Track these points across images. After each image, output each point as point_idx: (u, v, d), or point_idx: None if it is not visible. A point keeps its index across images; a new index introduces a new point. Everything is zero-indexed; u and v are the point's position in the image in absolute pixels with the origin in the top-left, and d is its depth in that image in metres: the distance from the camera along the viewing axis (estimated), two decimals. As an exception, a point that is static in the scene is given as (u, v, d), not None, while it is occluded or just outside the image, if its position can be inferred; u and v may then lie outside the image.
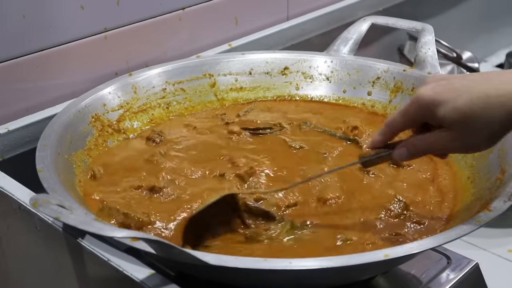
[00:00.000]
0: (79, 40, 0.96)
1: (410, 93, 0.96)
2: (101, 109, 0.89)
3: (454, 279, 0.76)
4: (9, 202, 0.75)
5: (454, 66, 1.52)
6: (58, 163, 0.75)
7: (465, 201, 0.77)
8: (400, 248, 0.61)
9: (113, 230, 0.57)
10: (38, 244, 0.75)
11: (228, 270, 0.60)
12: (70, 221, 0.56)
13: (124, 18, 1.00)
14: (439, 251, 0.79)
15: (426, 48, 0.98)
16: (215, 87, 1.01)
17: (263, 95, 1.03)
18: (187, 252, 0.58)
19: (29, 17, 0.89)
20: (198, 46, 1.11)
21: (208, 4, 1.11)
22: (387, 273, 0.76)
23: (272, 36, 1.18)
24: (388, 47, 1.47)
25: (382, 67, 1.00)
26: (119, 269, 0.63)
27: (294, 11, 1.26)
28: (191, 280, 0.68)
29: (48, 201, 0.58)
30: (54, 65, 0.94)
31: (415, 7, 1.49)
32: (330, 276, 0.65)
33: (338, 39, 1.05)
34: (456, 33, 1.62)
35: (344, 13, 1.31)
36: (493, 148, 0.80)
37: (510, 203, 0.67)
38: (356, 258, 0.60)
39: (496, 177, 0.76)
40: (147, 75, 0.96)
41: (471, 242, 1.07)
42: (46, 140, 0.78)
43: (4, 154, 0.87)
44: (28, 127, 0.89)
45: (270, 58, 1.04)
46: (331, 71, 1.03)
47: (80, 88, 0.94)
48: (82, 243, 0.66)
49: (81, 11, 0.95)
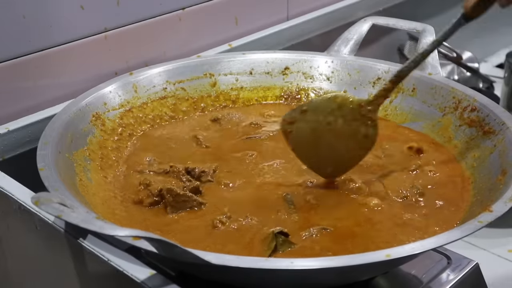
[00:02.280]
0: (79, 40, 0.96)
1: (410, 94, 0.96)
2: (101, 108, 0.89)
3: (454, 279, 0.76)
4: (9, 202, 0.75)
5: (454, 66, 1.52)
6: (59, 162, 0.75)
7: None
8: (402, 248, 0.61)
9: (114, 228, 0.57)
10: (38, 244, 0.75)
11: (229, 270, 0.60)
12: (72, 220, 0.56)
13: (124, 18, 1.00)
14: (439, 251, 0.79)
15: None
16: (216, 87, 1.01)
17: (263, 95, 1.03)
18: (189, 251, 0.58)
19: (29, 17, 0.89)
20: (198, 46, 1.11)
21: (208, 4, 1.11)
22: (388, 273, 0.76)
23: (272, 36, 1.18)
24: (388, 47, 1.47)
25: (382, 67, 1.00)
26: (119, 269, 0.63)
27: (294, 11, 1.26)
28: (192, 280, 0.68)
29: (50, 200, 0.58)
30: (54, 65, 0.94)
31: (415, 7, 1.49)
32: (330, 276, 0.65)
33: (338, 39, 1.05)
34: (456, 33, 1.62)
35: (344, 13, 1.31)
36: (493, 148, 0.80)
37: (511, 205, 0.67)
38: (357, 258, 0.60)
39: (497, 178, 0.76)
40: (148, 74, 0.96)
41: (471, 242, 1.07)
42: (47, 139, 0.78)
43: (4, 154, 0.87)
44: (28, 127, 0.89)
45: (271, 58, 1.04)
46: (331, 71, 1.03)
47: (80, 88, 0.94)
48: (82, 243, 0.66)
49: (81, 11, 0.94)
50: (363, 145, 0.80)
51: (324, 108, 0.80)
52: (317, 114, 0.80)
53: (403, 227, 0.73)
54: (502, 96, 1.41)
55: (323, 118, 0.80)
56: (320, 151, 0.81)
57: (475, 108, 0.88)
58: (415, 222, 0.75)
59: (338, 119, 0.79)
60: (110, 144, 0.87)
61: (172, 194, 0.76)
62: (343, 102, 0.79)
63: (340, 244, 0.71)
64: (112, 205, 0.77)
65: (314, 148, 0.81)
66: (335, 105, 0.79)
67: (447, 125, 0.91)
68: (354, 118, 0.79)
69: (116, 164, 0.85)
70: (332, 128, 0.80)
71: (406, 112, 0.96)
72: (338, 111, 0.79)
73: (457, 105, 0.90)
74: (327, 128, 0.80)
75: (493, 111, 0.85)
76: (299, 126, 0.80)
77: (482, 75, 1.53)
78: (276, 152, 0.88)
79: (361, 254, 0.61)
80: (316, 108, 0.80)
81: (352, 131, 0.80)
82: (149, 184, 0.79)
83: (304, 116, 0.80)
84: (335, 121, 0.80)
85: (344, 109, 0.79)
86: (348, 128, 0.80)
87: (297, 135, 0.81)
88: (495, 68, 1.74)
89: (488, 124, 0.84)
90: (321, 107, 0.80)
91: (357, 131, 0.79)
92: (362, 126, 0.79)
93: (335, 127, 0.80)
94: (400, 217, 0.75)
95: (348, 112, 0.79)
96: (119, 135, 0.89)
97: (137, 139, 0.91)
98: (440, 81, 0.95)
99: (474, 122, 0.87)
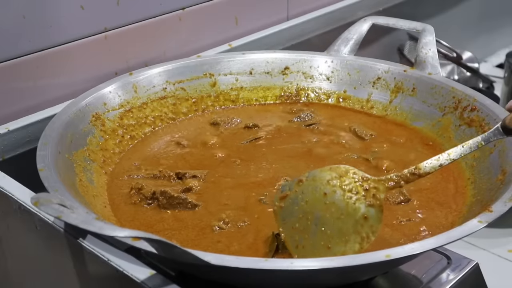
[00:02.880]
0: (79, 40, 0.96)
1: (410, 94, 0.96)
2: (101, 108, 0.89)
3: (454, 279, 0.76)
4: (9, 202, 0.75)
5: (454, 66, 1.52)
6: (58, 162, 0.75)
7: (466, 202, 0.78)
8: (402, 248, 0.61)
9: (114, 229, 0.56)
10: (38, 244, 0.75)
11: (229, 270, 0.60)
12: (72, 220, 0.56)
13: (124, 18, 1.00)
14: (439, 251, 0.79)
15: (427, 48, 0.98)
16: (216, 87, 1.01)
17: (263, 95, 1.03)
18: (189, 252, 0.58)
19: (29, 17, 0.89)
20: (198, 46, 1.11)
21: (208, 4, 1.11)
22: (387, 273, 0.76)
23: (272, 36, 1.18)
24: (388, 47, 1.47)
25: (382, 67, 1.00)
26: (119, 269, 0.63)
27: (294, 11, 1.26)
28: (192, 280, 0.68)
29: (50, 200, 0.58)
30: (54, 65, 0.94)
31: (415, 7, 1.49)
32: (330, 277, 0.65)
33: (338, 39, 1.05)
34: (456, 33, 1.62)
35: (344, 13, 1.31)
36: (493, 148, 0.80)
37: (511, 205, 0.67)
38: (357, 258, 0.60)
39: (497, 177, 0.76)
40: (148, 75, 0.96)
41: (471, 242, 1.07)
42: (47, 139, 0.78)
43: (4, 154, 0.87)
44: (28, 127, 0.89)
45: (271, 58, 1.04)
46: (331, 71, 1.03)
47: (80, 87, 0.94)
48: (82, 243, 0.66)
49: (81, 11, 0.94)
50: (360, 230, 0.66)
51: (323, 177, 0.68)
52: (315, 183, 0.68)
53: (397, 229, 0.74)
54: (502, 96, 1.41)
55: (320, 187, 0.68)
56: (309, 232, 0.68)
57: (475, 108, 0.88)
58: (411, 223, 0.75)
59: (336, 189, 0.68)
60: (112, 147, 0.87)
61: (166, 197, 0.77)
62: (344, 172, 0.68)
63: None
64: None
65: (304, 228, 0.68)
66: (335, 174, 0.68)
67: (447, 125, 0.91)
68: (355, 191, 0.67)
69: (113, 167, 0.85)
70: (327, 203, 0.67)
71: (406, 112, 0.96)
72: (338, 181, 0.68)
73: (457, 105, 0.90)
74: (321, 202, 0.67)
75: (493, 111, 0.85)
76: (291, 198, 0.69)
77: (482, 75, 1.53)
78: (273, 155, 0.88)
79: (361, 254, 0.61)
80: (314, 177, 0.69)
81: (350, 208, 0.67)
82: (141, 188, 0.79)
83: (298, 187, 0.69)
84: (332, 192, 0.67)
85: (344, 179, 0.68)
86: (345, 203, 0.67)
87: (287, 209, 0.69)
88: (495, 68, 1.74)
89: (488, 124, 0.84)
90: (319, 176, 0.69)
91: (356, 209, 0.66)
92: (362, 203, 0.67)
93: (331, 199, 0.67)
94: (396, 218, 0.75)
95: (348, 183, 0.68)
96: (120, 137, 0.89)
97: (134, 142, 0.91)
98: (440, 81, 0.95)
99: (474, 122, 0.87)
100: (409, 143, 0.91)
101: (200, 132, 0.94)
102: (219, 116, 0.97)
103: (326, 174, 0.68)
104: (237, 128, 0.95)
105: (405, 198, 0.78)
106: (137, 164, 0.86)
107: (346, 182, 0.67)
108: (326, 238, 0.66)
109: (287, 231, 0.68)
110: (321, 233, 0.66)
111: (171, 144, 0.91)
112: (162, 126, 0.95)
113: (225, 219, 0.74)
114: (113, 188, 0.81)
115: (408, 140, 0.92)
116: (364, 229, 0.66)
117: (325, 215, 0.67)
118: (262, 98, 1.03)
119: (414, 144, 0.91)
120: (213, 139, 0.92)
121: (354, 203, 0.66)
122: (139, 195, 0.78)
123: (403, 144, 0.91)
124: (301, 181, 0.69)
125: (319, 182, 0.68)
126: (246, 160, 0.87)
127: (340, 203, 0.67)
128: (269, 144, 0.91)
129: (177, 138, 0.92)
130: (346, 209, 0.66)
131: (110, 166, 0.84)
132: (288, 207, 0.69)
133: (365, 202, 0.66)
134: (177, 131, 0.94)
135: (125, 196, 0.79)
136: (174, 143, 0.91)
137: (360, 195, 0.67)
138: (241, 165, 0.86)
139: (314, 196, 0.68)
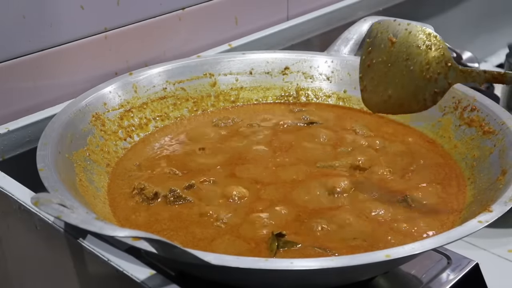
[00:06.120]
0: (79, 40, 0.96)
1: (410, 93, 0.96)
2: (101, 108, 0.89)
3: (454, 279, 0.76)
4: (9, 202, 0.75)
5: (454, 66, 1.52)
6: (58, 162, 0.75)
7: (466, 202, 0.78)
8: (402, 248, 0.61)
9: (114, 229, 0.57)
10: (38, 244, 0.75)
11: (229, 270, 0.60)
12: (72, 220, 0.56)
13: (124, 18, 1.00)
14: (439, 251, 0.79)
15: (427, 48, 0.98)
16: (216, 87, 1.01)
17: (263, 95, 1.03)
18: (189, 252, 0.58)
19: (29, 17, 0.89)
20: (198, 46, 1.11)
21: (208, 4, 1.11)
22: (387, 273, 0.76)
23: (272, 36, 1.18)
24: (388, 47, 1.47)
25: (382, 67, 1.00)
26: (119, 269, 0.63)
27: (294, 11, 1.26)
28: (192, 280, 0.68)
29: (50, 200, 0.58)
30: (54, 65, 0.94)
31: (415, 7, 1.49)
32: (330, 276, 0.65)
33: (338, 39, 1.05)
34: (456, 33, 1.62)
35: (344, 13, 1.31)
36: (493, 148, 0.80)
37: (511, 205, 0.67)
38: (357, 258, 0.60)
39: (497, 178, 0.76)
40: (148, 75, 0.96)
41: (471, 242, 1.07)
42: (47, 139, 0.78)
43: (4, 154, 0.87)
44: (28, 127, 0.89)
45: (271, 58, 1.04)
46: (331, 71, 1.03)
47: (80, 88, 0.94)
48: (82, 243, 0.66)
49: (81, 11, 0.94)
50: (430, 91, 0.75)
51: (412, 42, 0.76)
52: (402, 47, 0.76)
53: (397, 229, 0.74)
54: (502, 96, 1.41)
55: (405, 52, 0.76)
56: (387, 80, 0.77)
57: (475, 108, 0.88)
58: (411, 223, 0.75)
59: (421, 57, 0.75)
60: (112, 147, 0.87)
61: (168, 196, 0.77)
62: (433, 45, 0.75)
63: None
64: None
65: (384, 75, 0.77)
66: (422, 42, 0.75)
67: (447, 125, 0.91)
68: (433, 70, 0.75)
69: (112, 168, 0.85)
70: (408, 64, 0.75)
71: (406, 112, 0.96)
72: (425, 50, 0.75)
73: (457, 105, 0.90)
74: (403, 63, 0.76)
75: (493, 111, 0.85)
76: (377, 54, 0.78)
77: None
78: (273, 155, 0.88)
79: (361, 254, 0.61)
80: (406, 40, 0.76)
81: (426, 77, 0.75)
82: (143, 188, 0.79)
83: (388, 48, 0.77)
84: (417, 59, 0.75)
85: (429, 54, 0.75)
86: (422, 72, 0.75)
87: (373, 57, 0.78)
88: (495, 68, 1.74)
89: (488, 124, 0.84)
90: (410, 40, 0.76)
91: (431, 79, 0.75)
92: (435, 81, 0.75)
93: (414, 63, 0.75)
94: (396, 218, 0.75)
95: (430, 59, 0.75)
96: (121, 137, 0.89)
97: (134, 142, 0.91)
98: (440, 81, 0.94)
99: (474, 122, 0.87)
100: (409, 143, 0.91)
101: (200, 132, 0.94)
102: (219, 116, 0.97)
103: (416, 38, 0.75)
104: (237, 128, 0.95)
105: (405, 198, 0.78)
106: (138, 164, 0.86)
107: (430, 57, 0.74)
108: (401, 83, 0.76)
109: (365, 75, 0.78)
110: (397, 80, 0.76)
111: (172, 144, 0.91)
112: (162, 126, 0.95)
113: (225, 219, 0.74)
114: (114, 188, 0.81)
115: (408, 140, 0.92)
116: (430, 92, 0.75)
117: (404, 71, 0.76)
118: (262, 98, 1.03)
119: (414, 144, 0.91)
120: (213, 139, 0.92)
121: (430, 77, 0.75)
122: (141, 195, 0.78)
123: (403, 144, 0.91)
124: (393, 43, 0.77)
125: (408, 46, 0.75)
126: (246, 160, 0.87)
127: (418, 70, 0.75)
128: (269, 144, 0.91)
129: (178, 138, 0.92)
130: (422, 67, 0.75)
131: (110, 166, 0.85)
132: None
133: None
134: (177, 131, 0.94)
135: (125, 196, 0.79)
136: (175, 143, 0.91)
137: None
138: (241, 165, 0.86)
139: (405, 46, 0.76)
